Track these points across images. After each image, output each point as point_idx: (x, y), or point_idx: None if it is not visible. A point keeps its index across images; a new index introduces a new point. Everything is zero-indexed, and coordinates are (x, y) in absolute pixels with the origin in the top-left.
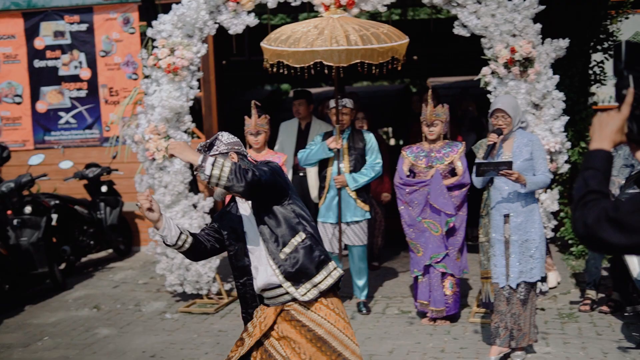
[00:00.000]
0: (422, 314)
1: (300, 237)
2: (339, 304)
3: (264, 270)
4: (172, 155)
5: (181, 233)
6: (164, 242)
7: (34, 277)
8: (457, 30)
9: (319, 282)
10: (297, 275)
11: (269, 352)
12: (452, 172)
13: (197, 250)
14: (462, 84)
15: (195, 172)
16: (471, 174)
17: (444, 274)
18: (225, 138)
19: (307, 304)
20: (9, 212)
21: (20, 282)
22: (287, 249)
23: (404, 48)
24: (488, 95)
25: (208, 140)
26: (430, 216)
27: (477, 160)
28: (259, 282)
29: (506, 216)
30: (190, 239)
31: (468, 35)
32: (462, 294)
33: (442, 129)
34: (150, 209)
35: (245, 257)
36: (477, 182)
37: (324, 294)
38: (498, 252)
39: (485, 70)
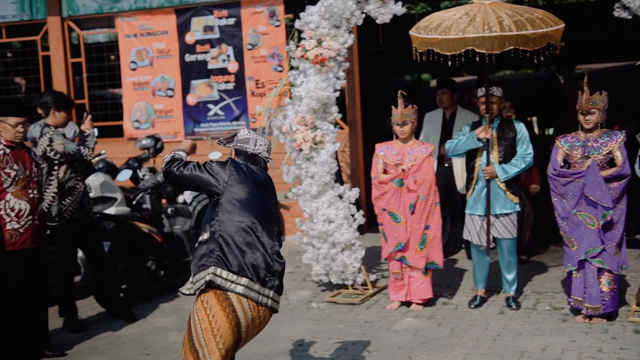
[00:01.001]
0: (576, 311)
1: (205, 235)
2: (214, 304)
3: None
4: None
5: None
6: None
7: (186, 264)
8: (618, 13)
9: (196, 281)
10: (192, 269)
11: None
12: (611, 163)
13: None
14: (614, 70)
15: None
16: (633, 164)
17: (600, 270)
18: (240, 134)
19: (194, 297)
20: (164, 201)
21: (173, 268)
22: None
23: (560, 34)
24: None
25: (230, 134)
26: (586, 209)
27: None
28: None
29: None
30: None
31: (630, 17)
32: (620, 291)
33: (599, 117)
34: None
35: None
36: None
37: (204, 291)
38: None
39: None
